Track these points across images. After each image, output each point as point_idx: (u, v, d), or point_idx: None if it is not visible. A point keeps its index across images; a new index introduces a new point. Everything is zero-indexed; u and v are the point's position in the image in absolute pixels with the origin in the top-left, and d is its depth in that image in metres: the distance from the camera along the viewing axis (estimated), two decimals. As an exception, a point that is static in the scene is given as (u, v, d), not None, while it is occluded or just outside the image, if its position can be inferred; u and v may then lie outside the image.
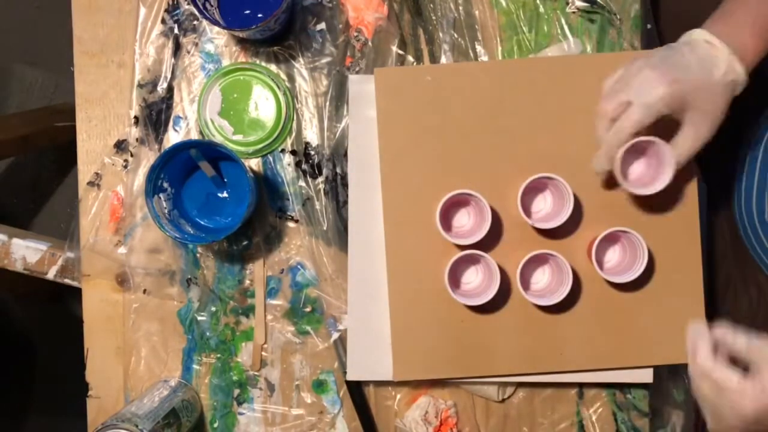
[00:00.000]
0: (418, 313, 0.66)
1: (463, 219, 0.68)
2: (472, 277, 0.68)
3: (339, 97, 0.70)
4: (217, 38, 0.71)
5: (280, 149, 0.70)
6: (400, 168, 0.66)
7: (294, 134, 0.70)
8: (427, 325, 0.66)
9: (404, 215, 0.66)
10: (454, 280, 0.66)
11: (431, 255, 0.66)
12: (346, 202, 0.70)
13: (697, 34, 0.57)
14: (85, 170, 0.71)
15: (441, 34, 0.70)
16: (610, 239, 0.65)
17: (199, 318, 0.71)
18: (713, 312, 0.75)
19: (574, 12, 0.70)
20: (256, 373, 0.71)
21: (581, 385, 0.71)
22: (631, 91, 0.56)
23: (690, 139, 0.57)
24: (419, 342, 0.66)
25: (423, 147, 0.66)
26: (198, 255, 0.71)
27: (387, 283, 0.66)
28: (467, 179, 0.65)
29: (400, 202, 0.66)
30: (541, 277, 0.67)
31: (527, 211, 0.63)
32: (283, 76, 0.71)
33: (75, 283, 0.74)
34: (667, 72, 0.55)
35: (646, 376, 0.67)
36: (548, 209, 0.67)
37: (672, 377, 0.71)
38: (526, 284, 0.65)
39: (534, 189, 0.66)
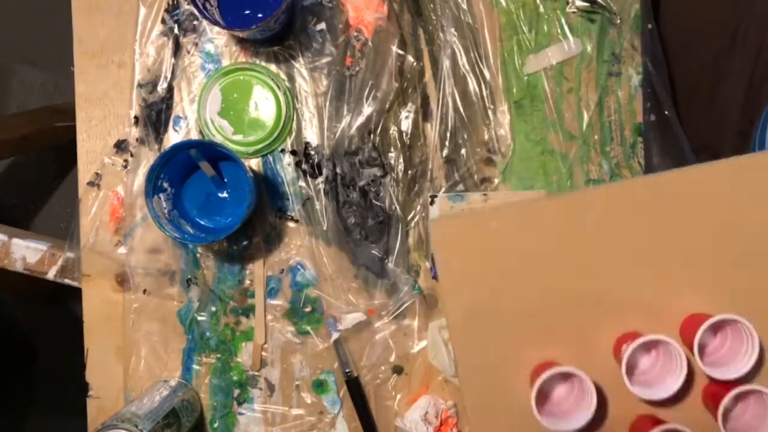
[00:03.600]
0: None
1: (562, 394, 0.56)
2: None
3: (339, 97, 0.70)
4: (217, 38, 0.71)
5: (280, 149, 0.70)
6: (474, 334, 0.57)
7: (294, 134, 0.71)
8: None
9: (485, 386, 0.57)
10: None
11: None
12: (346, 202, 0.70)
13: None
14: (85, 170, 0.71)
15: (441, 34, 0.70)
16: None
17: (199, 318, 0.71)
18: None
19: (574, 12, 0.70)
20: (256, 373, 0.71)
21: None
22: None
23: None
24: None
25: (497, 305, 0.57)
26: (198, 255, 0.71)
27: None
28: (554, 339, 0.56)
29: (478, 374, 0.57)
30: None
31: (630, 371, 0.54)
32: (283, 76, 0.71)
33: (75, 283, 0.74)
34: None
35: None
36: (656, 371, 0.56)
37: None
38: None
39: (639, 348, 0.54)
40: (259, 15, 0.68)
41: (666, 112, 0.69)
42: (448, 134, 0.70)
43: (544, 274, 0.57)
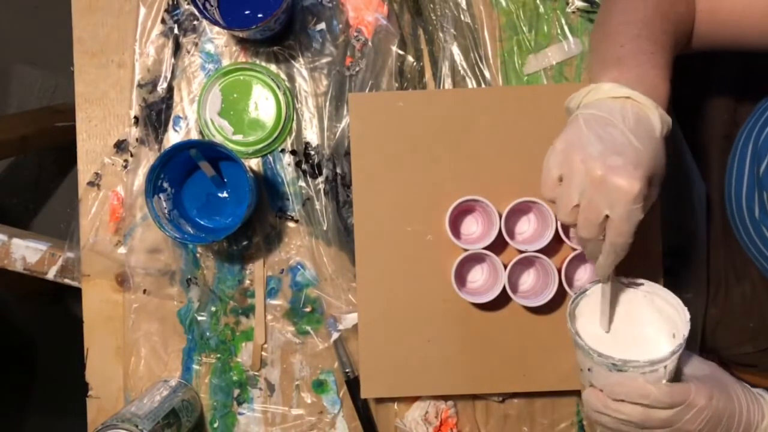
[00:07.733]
0: (386, 333, 0.67)
1: (471, 227, 0.69)
2: (477, 276, 0.69)
3: (339, 97, 0.70)
4: (217, 38, 0.71)
5: (280, 149, 0.70)
6: (373, 189, 0.67)
7: (294, 134, 0.71)
8: (394, 343, 0.67)
9: (375, 236, 0.67)
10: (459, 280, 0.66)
11: (401, 275, 0.67)
12: (346, 202, 0.70)
13: (614, 90, 0.50)
14: (85, 170, 0.71)
15: (441, 34, 0.70)
16: (581, 258, 0.65)
17: (199, 318, 0.71)
18: (706, 308, 0.74)
19: (574, 12, 0.70)
20: (256, 373, 0.71)
21: (581, 385, 0.71)
22: (599, 199, 0.48)
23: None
24: (387, 360, 0.67)
25: (394, 170, 0.67)
26: (198, 255, 0.71)
27: (357, 302, 0.67)
28: (437, 203, 0.66)
29: (371, 224, 0.67)
30: (525, 279, 0.69)
31: (510, 234, 0.65)
32: (283, 76, 0.71)
33: (75, 283, 0.74)
34: (625, 163, 0.47)
35: None
36: (531, 231, 0.67)
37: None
38: (513, 288, 0.66)
39: (517, 212, 0.66)
40: (259, 15, 0.68)
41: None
42: (448, 134, 0.70)
43: (435, 150, 0.67)
